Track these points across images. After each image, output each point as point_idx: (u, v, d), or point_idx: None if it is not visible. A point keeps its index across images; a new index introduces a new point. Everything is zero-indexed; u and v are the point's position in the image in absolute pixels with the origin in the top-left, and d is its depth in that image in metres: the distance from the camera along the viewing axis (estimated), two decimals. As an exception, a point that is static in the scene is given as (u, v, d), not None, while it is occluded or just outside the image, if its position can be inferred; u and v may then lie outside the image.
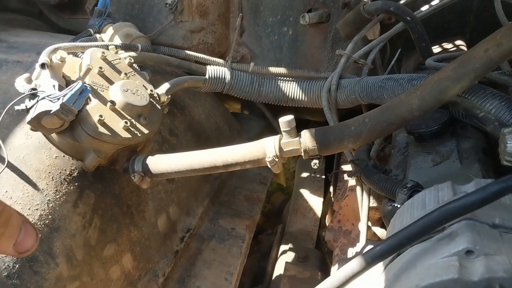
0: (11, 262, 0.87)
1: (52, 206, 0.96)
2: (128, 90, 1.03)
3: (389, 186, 0.93)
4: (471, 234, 0.56)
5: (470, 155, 0.93)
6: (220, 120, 1.72)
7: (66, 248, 0.96)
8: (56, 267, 0.93)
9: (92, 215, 1.03)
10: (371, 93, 1.18)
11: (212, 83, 1.40)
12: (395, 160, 1.09)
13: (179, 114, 1.46)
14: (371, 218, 1.21)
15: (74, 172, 1.02)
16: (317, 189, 1.85)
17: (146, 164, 1.00)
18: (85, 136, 0.95)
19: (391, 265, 0.65)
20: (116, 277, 1.07)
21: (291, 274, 1.38)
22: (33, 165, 0.97)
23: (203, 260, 1.30)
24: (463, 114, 1.01)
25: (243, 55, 1.69)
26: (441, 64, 1.10)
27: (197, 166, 0.97)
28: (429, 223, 0.59)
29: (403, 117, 0.83)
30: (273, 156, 0.89)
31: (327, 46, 1.57)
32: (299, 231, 1.67)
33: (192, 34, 1.59)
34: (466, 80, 0.81)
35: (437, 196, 0.69)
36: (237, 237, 1.41)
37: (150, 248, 1.18)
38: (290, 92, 1.43)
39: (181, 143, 1.40)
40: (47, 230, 0.94)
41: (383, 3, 1.26)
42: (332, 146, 0.88)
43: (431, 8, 1.38)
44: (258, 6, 1.60)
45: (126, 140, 0.99)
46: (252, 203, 1.59)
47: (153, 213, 1.21)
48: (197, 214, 1.40)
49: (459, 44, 1.51)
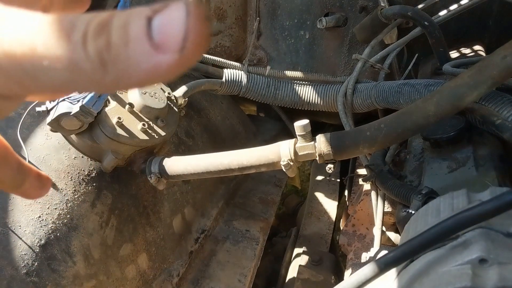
0: (30, 260, 0.89)
1: (70, 205, 0.98)
2: (146, 92, 1.05)
3: (403, 192, 0.93)
4: (485, 242, 0.56)
5: (487, 162, 0.92)
6: (236, 122, 1.73)
7: (83, 247, 0.98)
8: (74, 265, 0.95)
9: (109, 215, 1.05)
10: (387, 98, 1.18)
11: (229, 86, 1.41)
12: (410, 166, 1.09)
13: (196, 116, 1.48)
14: (386, 223, 1.21)
15: (92, 172, 1.04)
16: (332, 193, 1.85)
17: (163, 166, 1.01)
18: (104, 137, 0.97)
19: (404, 272, 0.65)
20: (131, 276, 1.09)
21: (305, 277, 1.38)
22: (53, 165, 0.99)
23: (217, 261, 1.31)
24: (480, 120, 1.00)
25: (260, 58, 1.70)
26: (459, 70, 1.09)
27: (212, 169, 0.98)
28: (443, 230, 0.59)
29: (419, 123, 0.83)
30: (288, 160, 0.90)
31: (343, 50, 1.57)
32: (313, 234, 1.67)
33: (210, 37, 1.60)
34: (483, 87, 0.81)
35: (451, 203, 0.69)
36: (251, 239, 1.41)
37: (165, 249, 1.20)
38: (306, 96, 1.44)
39: (197, 145, 1.41)
40: (65, 229, 0.96)
41: (400, 7, 1.25)
42: (347, 151, 0.88)
43: (449, 12, 1.37)
44: (275, 10, 1.61)
45: (144, 142, 1.01)
46: (266, 205, 1.59)
47: (168, 214, 1.23)
48: (212, 215, 1.41)
49: (478, 49, 1.49)
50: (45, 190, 0.41)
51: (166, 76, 0.24)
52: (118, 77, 0.24)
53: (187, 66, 0.24)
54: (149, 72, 0.23)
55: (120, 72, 0.24)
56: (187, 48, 0.23)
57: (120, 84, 0.24)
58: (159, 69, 0.23)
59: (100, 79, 0.24)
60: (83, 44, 0.23)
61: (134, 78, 0.24)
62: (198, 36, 0.23)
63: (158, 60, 0.23)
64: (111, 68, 0.23)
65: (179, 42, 0.23)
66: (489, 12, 1.62)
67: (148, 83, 0.25)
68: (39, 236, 0.92)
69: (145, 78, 0.24)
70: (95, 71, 0.23)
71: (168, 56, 0.23)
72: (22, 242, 0.90)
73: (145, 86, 0.25)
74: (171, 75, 0.24)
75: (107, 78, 0.24)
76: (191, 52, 0.23)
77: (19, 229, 0.91)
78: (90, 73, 0.24)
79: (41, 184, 0.40)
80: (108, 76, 0.24)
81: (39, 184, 0.40)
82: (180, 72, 0.24)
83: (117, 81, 0.24)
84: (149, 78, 0.24)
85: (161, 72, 0.23)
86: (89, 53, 0.23)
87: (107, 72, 0.23)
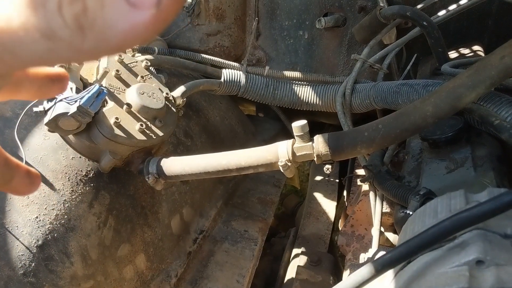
0: (27, 261, 0.89)
1: (68, 206, 0.98)
2: (144, 93, 1.05)
3: (401, 193, 0.92)
4: (482, 244, 0.56)
5: (485, 163, 0.92)
6: (235, 123, 1.73)
7: (81, 248, 0.97)
8: (71, 266, 0.95)
9: (107, 215, 1.05)
10: (386, 98, 1.17)
11: (227, 86, 1.41)
12: (408, 167, 1.09)
13: (194, 117, 1.47)
14: (384, 223, 1.21)
15: (90, 173, 1.04)
16: (331, 193, 1.85)
17: (160, 166, 1.01)
18: (101, 138, 0.97)
19: (402, 273, 0.65)
20: (129, 277, 1.09)
21: (303, 277, 1.38)
22: (50, 166, 0.99)
23: (215, 262, 1.31)
24: (478, 121, 1.00)
25: (259, 58, 1.69)
26: (457, 70, 1.09)
27: (210, 169, 0.98)
28: (440, 232, 0.58)
29: (417, 124, 0.82)
30: (285, 160, 0.90)
31: (342, 50, 1.57)
32: (312, 234, 1.67)
33: (209, 37, 1.60)
34: (482, 88, 0.81)
35: (449, 204, 0.69)
36: (250, 239, 1.41)
37: (163, 249, 1.20)
38: (305, 96, 1.44)
39: (195, 145, 1.41)
40: (63, 230, 0.96)
41: (399, 7, 1.25)
42: (345, 151, 0.87)
43: (448, 13, 1.36)
44: (274, 10, 1.61)
45: (141, 142, 1.00)
46: (265, 206, 1.59)
47: (166, 214, 1.23)
48: (211, 215, 1.41)
49: (477, 49, 1.49)
50: (35, 187, 0.41)
51: (145, 35, 0.24)
52: (97, 41, 0.23)
53: (164, 23, 0.24)
54: (127, 32, 0.23)
55: (98, 35, 0.23)
56: (163, 3, 0.22)
57: (100, 49, 0.24)
58: (137, 28, 0.23)
59: (79, 45, 0.24)
60: (59, 11, 0.23)
61: (113, 40, 0.23)
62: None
63: (134, 18, 0.23)
64: (89, 33, 0.23)
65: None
66: (489, 12, 1.61)
67: (128, 45, 0.25)
68: (37, 237, 0.92)
69: (124, 40, 0.23)
70: (73, 37, 0.23)
71: (144, 13, 0.22)
72: (19, 242, 0.90)
73: (124, 48, 0.25)
74: (150, 33, 0.24)
75: (86, 43, 0.23)
76: (168, 7, 0.23)
77: (16, 229, 0.91)
78: (69, 39, 0.23)
79: (30, 180, 0.40)
80: (87, 41, 0.23)
81: (28, 181, 0.39)
82: (158, 29, 0.24)
83: (96, 45, 0.24)
84: (128, 39, 0.23)
85: (139, 31, 0.23)
86: (66, 19, 0.23)
87: (86, 37, 0.23)
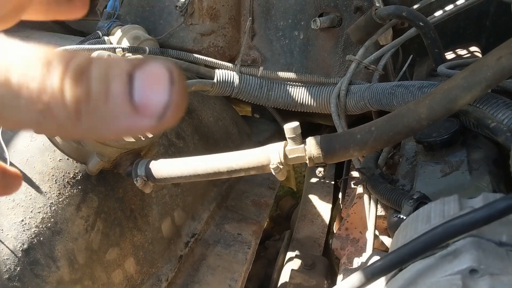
0: (12, 265, 0.87)
1: (54, 209, 0.95)
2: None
3: (395, 197, 0.90)
4: (476, 252, 0.54)
5: (481, 166, 0.90)
6: (229, 124, 1.71)
7: (68, 252, 0.95)
8: (58, 270, 0.93)
9: (95, 218, 1.03)
10: (381, 100, 1.15)
11: (220, 87, 1.39)
12: (402, 170, 1.07)
13: (187, 117, 1.45)
14: (379, 227, 1.19)
15: (78, 175, 1.01)
16: (326, 195, 1.82)
17: (149, 169, 0.99)
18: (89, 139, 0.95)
19: (393, 281, 0.63)
20: (118, 281, 1.07)
21: (297, 281, 1.36)
22: (37, 168, 0.97)
23: (207, 265, 1.29)
24: (474, 123, 0.97)
25: (254, 59, 1.67)
26: (453, 72, 1.07)
27: (200, 172, 0.96)
28: (432, 239, 0.56)
29: (411, 127, 0.80)
30: (277, 163, 0.88)
31: (338, 51, 1.55)
32: (307, 237, 1.65)
33: (203, 37, 1.58)
34: (477, 90, 0.79)
35: (442, 210, 0.67)
36: (243, 242, 1.39)
37: (153, 253, 1.18)
38: (299, 97, 1.42)
39: (188, 146, 1.39)
40: (49, 233, 0.94)
41: (395, 8, 1.23)
42: (338, 154, 0.86)
43: (445, 13, 1.34)
44: (269, 10, 1.59)
45: (129, 144, 0.98)
46: (259, 208, 1.57)
47: (157, 217, 1.21)
48: (203, 218, 1.39)
49: (474, 50, 1.47)
50: (11, 190, 0.38)
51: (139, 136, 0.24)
52: (90, 129, 0.23)
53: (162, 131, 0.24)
54: (123, 130, 0.23)
55: (93, 124, 0.23)
56: (166, 116, 0.23)
57: (90, 134, 0.24)
58: (134, 129, 0.23)
59: (70, 128, 0.23)
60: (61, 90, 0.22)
61: (106, 133, 0.23)
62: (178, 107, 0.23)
63: (135, 121, 0.23)
64: (85, 119, 0.23)
65: (160, 110, 0.23)
66: (486, 12, 1.60)
67: (118, 139, 0.24)
68: (22, 241, 0.90)
69: (116, 135, 0.24)
70: (68, 119, 0.23)
71: (146, 120, 0.23)
72: (4, 246, 0.88)
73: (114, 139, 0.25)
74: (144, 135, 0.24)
75: (78, 127, 0.23)
76: (169, 119, 0.23)
77: (1, 233, 0.89)
78: (62, 120, 0.23)
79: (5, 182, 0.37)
80: (80, 126, 0.23)
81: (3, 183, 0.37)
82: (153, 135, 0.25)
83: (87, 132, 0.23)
84: (121, 134, 0.24)
85: (135, 132, 0.23)
86: (67, 101, 0.22)
87: (80, 122, 0.23)
